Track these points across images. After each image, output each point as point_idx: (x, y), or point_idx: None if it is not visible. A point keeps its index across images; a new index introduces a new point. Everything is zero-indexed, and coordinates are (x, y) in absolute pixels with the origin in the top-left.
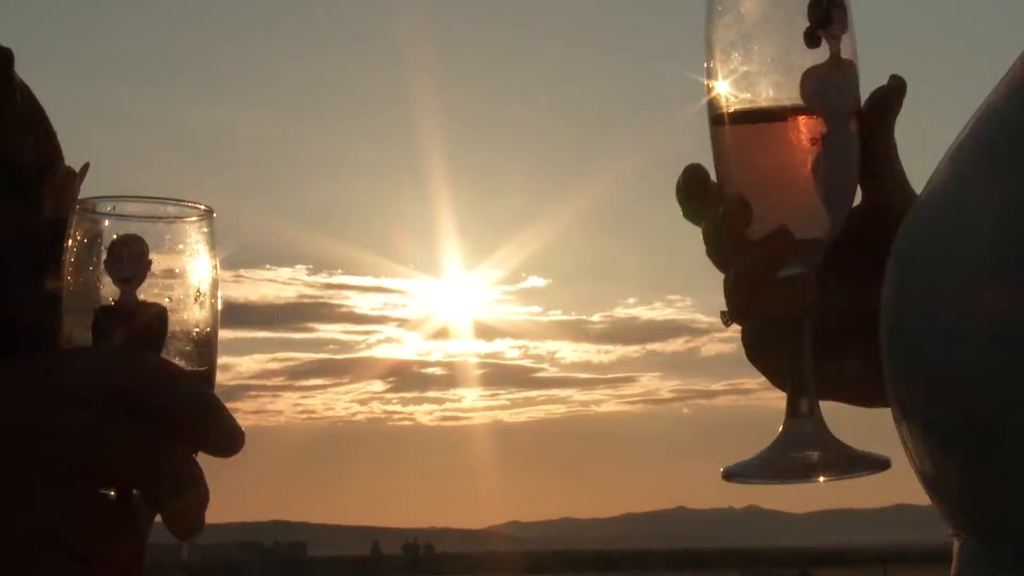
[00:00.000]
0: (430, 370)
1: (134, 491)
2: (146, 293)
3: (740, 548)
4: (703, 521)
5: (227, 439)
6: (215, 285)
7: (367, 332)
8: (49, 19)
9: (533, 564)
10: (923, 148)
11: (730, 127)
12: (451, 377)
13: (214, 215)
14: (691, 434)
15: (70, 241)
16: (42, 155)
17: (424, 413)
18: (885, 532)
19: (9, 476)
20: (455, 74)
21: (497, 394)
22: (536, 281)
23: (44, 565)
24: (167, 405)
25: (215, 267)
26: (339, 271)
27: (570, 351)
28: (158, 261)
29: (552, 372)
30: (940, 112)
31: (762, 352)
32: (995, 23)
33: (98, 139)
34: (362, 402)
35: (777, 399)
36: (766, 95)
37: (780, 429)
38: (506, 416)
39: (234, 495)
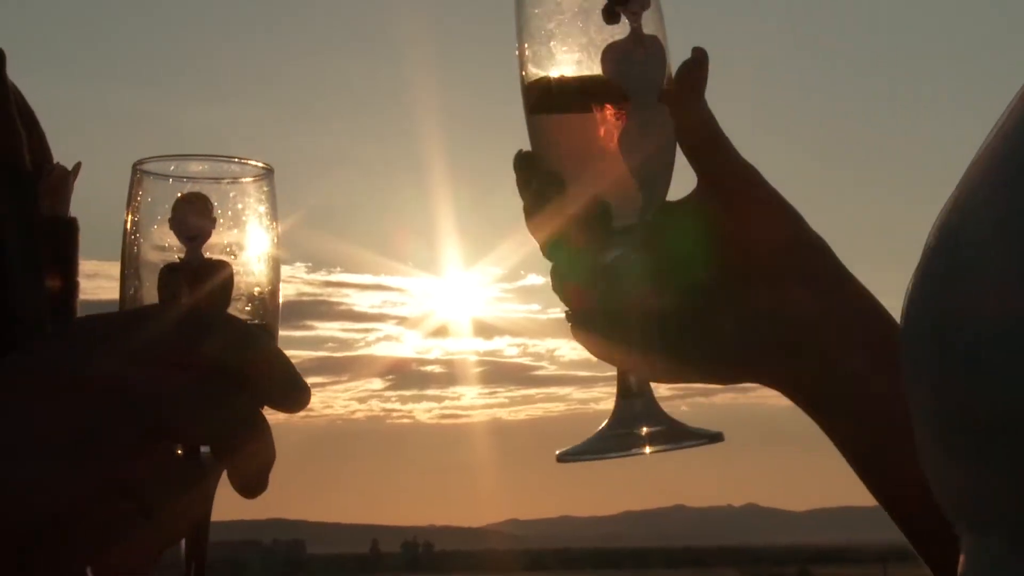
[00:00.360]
0: (429, 368)
1: (202, 449)
2: (210, 251)
3: (739, 546)
4: (702, 519)
5: (294, 394)
6: (277, 243)
7: (366, 330)
8: (49, 19)
9: (532, 562)
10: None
11: (537, 109)
12: (450, 375)
13: (274, 173)
14: None
15: (133, 201)
16: (36, 155)
17: (423, 411)
18: (885, 530)
19: (82, 432)
20: (455, 74)
21: (496, 392)
22: (535, 279)
23: (116, 521)
24: (236, 361)
25: (277, 226)
26: (338, 269)
27: (569, 349)
28: (222, 219)
29: (551, 370)
30: (954, 118)
31: (593, 335)
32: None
33: (98, 139)
34: (361, 400)
35: (777, 397)
36: (572, 74)
37: (611, 412)
38: (505, 414)
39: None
